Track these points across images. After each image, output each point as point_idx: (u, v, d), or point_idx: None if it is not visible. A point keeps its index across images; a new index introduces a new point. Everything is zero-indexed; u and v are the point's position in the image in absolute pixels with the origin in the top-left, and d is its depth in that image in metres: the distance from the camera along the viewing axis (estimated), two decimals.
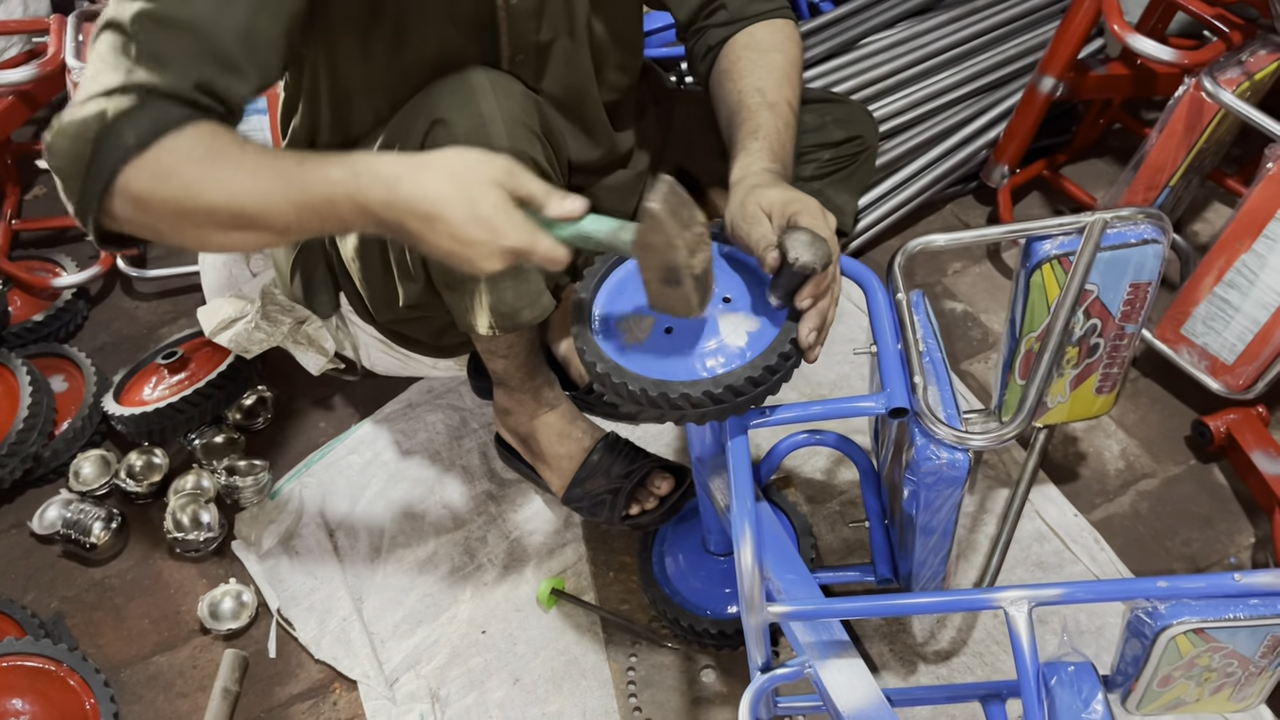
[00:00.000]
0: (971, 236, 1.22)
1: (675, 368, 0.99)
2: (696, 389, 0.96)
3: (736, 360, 0.98)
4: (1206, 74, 1.53)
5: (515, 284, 1.26)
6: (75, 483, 1.68)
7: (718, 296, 1.03)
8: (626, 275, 1.09)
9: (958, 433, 1.01)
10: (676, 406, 0.97)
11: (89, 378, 1.77)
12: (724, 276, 1.06)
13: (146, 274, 1.99)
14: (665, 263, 0.93)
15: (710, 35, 1.30)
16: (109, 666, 1.50)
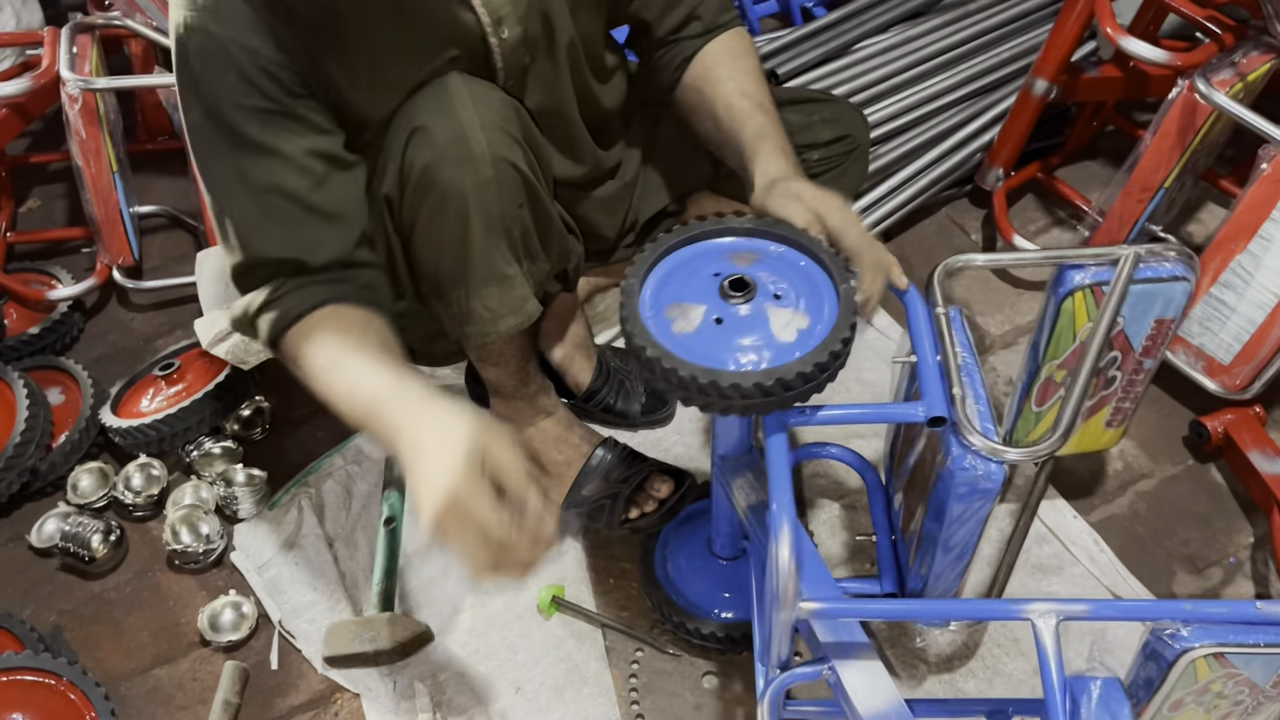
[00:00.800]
0: (1010, 259, 1.45)
1: (725, 358, 0.99)
2: (747, 380, 0.95)
3: (786, 355, 0.98)
4: (1200, 76, 1.54)
5: (500, 290, 1.26)
6: (73, 495, 1.68)
7: (768, 292, 1.04)
8: (677, 264, 1.09)
9: (995, 445, 1.01)
10: (725, 396, 0.96)
11: (86, 390, 1.76)
12: (775, 273, 1.06)
13: (142, 285, 1.98)
14: None
15: (685, 46, 1.34)
16: (109, 680, 1.50)
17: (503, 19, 1.20)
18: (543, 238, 1.29)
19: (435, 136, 1.15)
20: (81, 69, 1.77)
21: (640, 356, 1.00)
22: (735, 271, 1.04)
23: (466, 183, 1.16)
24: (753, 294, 1.03)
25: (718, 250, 1.09)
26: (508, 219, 1.21)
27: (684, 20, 1.34)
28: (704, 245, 1.10)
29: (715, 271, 1.06)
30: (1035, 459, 1.04)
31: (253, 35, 1.07)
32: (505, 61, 1.24)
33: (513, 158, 1.19)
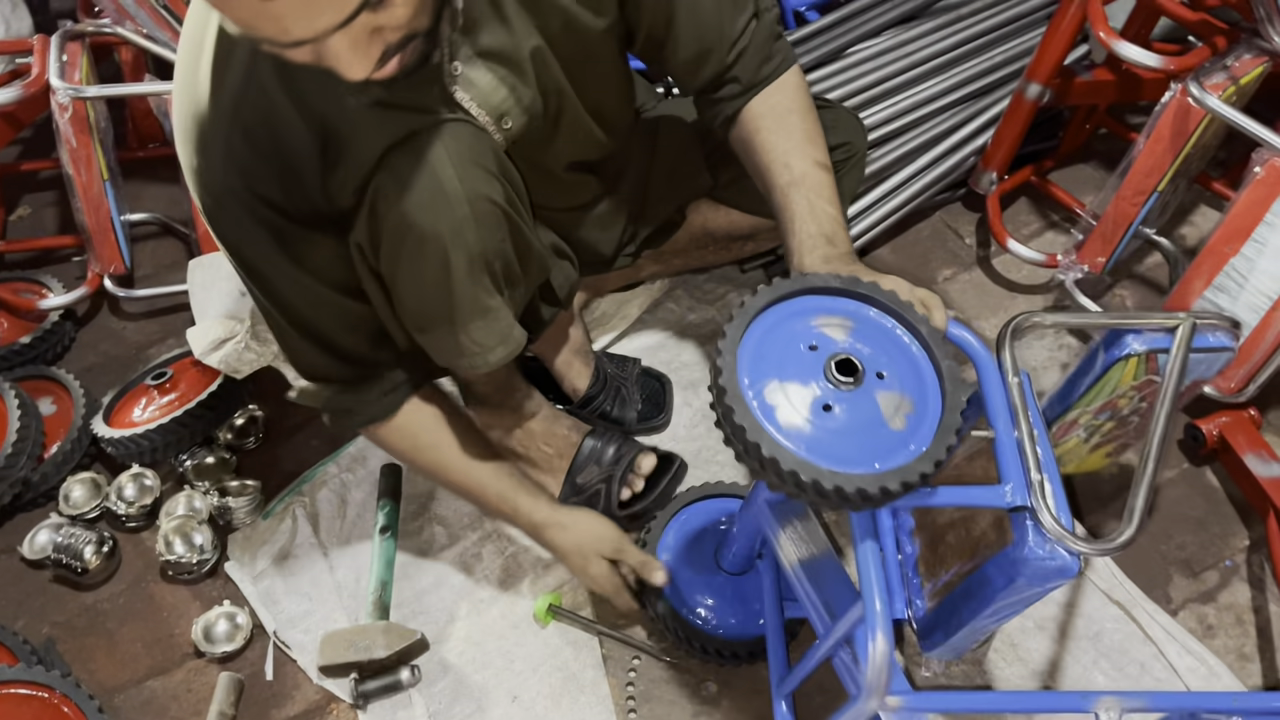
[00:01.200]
0: (1075, 320, 1.51)
1: (844, 456, 0.89)
2: (873, 485, 0.86)
3: (901, 450, 0.90)
4: (1192, 79, 1.54)
5: (485, 323, 1.22)
6: (65, 506, 1.66)
7: (871, 372, 0.92)
8: (766, 329, 0.96)
9: (1074, 538, 0.95)
10: (848, 499, 0.88)
11: (77, 400, 1.75)
12: (872, 346, 0.95)
13: (134, 294, 1.97)
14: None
15: (726, 107, 1.26)
16: (102, 692, 1.49)
17: (505, 114, 1.17)
18: (522, 263, 1.26)
19: (405, 179, 1.10)
20: (71, 77, 1.76)
21: (755, 455, 0.89)
22: (837, 348, 0.93)
23: (443, 225, 1.11)
24: (861, 377, 0.92)
25: (804, 311, 0.97)
26: (489, 254, 1.17)
27: (717, 79, 1.25)
28: (790, 305, 0.98)
29: (810, 344, 0.94)
30: (1111, 554, 0.99)
31: (259, 182, 1.09)
32: (510, 145, 1.21)
33: (489, 192, 1.14)
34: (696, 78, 1.26)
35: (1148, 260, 1.94)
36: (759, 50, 1.23)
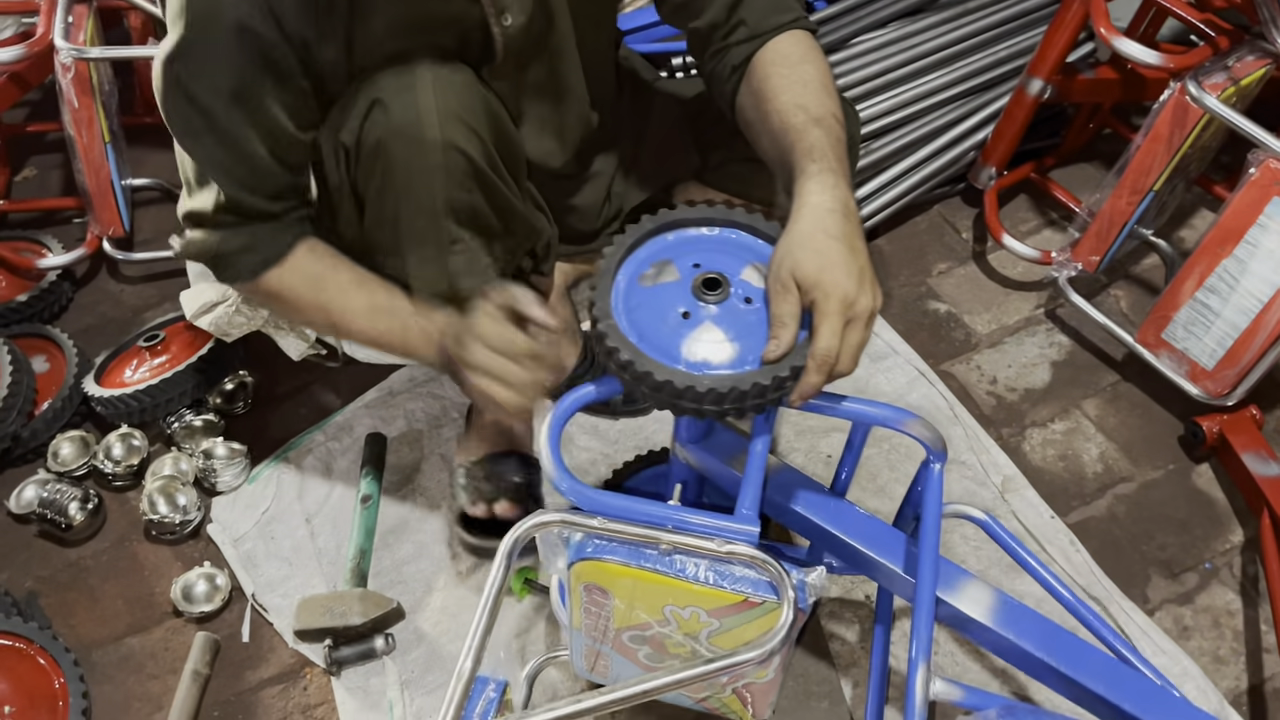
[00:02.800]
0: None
1: (681, 358, 0.99)
2: (702, 385, 0.96)
3: (740, 366, 0.99)
4: (1191, 78, 1.53)
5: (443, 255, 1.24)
6: (53, 463, 1.68)
7: (741, 296, 1.02)
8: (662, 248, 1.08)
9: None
10: (745, 396, 0.97)
11: (70, 359, 1.77)
12: (757, 281, 1.04)
13: (132, 257, 1.98)
14: None
15: (733, 54, 1.22)
16: (81, 646, 1.50)
17: (506, 8, 1.20)
18: (503, 217, 1.27)
19: (392, 114, 1.14)
20: (76, 38, 1.77)
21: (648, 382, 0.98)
22: (708, 269, 1.03)
23: (414, 164, 1.16)
24: (725, 294, 1.02)
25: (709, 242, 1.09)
26: (454, 202, 1.20)
27: (726, 22, 1.22)
28: (692, 233, 1.09)
29: (696, 262, 1.05)
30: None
31: (253, 15, 1.07)
32: (505, 48, 1.24)
33: (465, 147, 1.17)
34: (706, 14, 1.22)
35: (1145, 261, 1.93)
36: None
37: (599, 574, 1.02)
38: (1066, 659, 1.09)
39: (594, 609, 1.08)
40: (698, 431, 1.18)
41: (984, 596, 1.13)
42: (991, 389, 1.75)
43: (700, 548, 0.99)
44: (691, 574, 1.00)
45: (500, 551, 1.01)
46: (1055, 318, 1.85)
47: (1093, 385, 1.75)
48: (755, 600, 0.99)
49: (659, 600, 1.03)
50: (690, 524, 1.00)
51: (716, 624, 1.03)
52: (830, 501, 1.18)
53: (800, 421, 1.69)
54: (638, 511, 1.01)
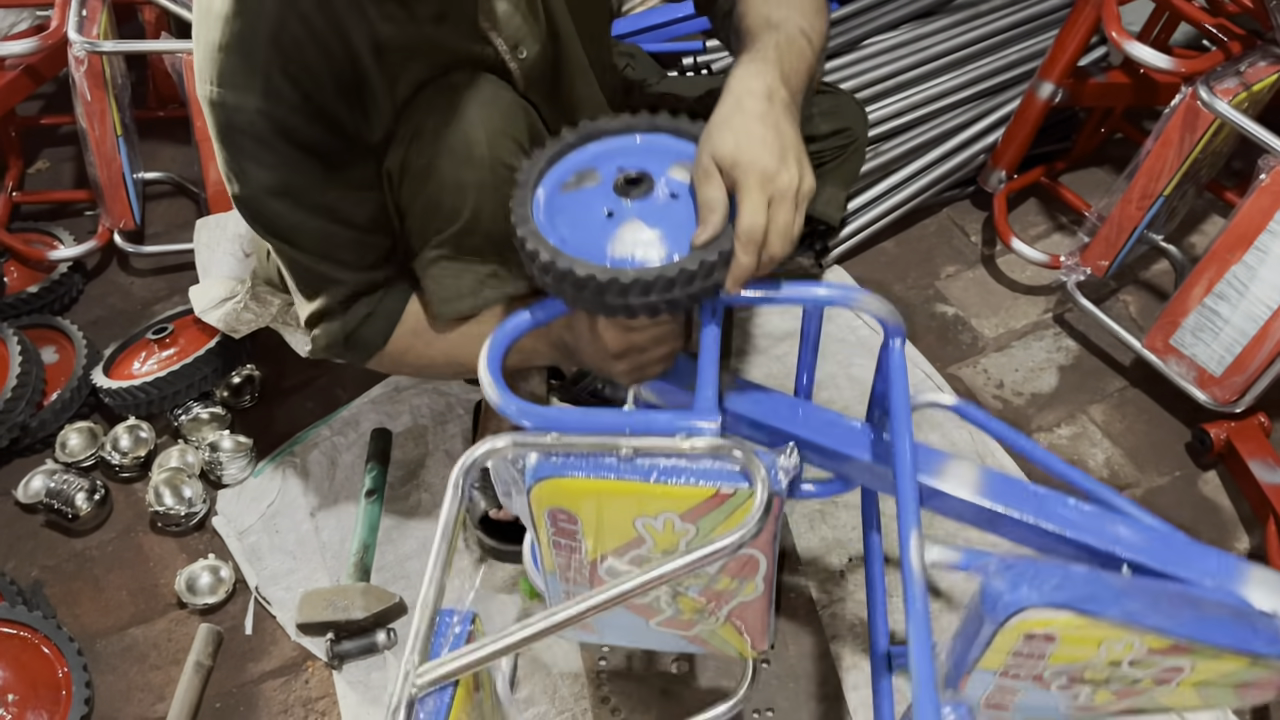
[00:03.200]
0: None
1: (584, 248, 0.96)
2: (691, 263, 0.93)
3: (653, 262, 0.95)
4: (1202, 83, 1.52)
5: (485, 273, 1.24)
6: (61, 454, 1.69)
7: (667, 192, 1.00)
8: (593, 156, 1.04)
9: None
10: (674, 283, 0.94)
11: (80, 350, 1.78)
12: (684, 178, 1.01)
13: (143, 250, 2.00)
14: None
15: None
16: (85, 636, 1.51)
17: (520, 42, 1.20)
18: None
19: (441, 134, 1.14)
20: (89, 32, 1.78)
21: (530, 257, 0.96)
22: (630, 168, 0.99)
23: (466, 182, 1.15)
24: (649, 190, 0.98)
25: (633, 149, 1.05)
26: (500, 219, 1.20)
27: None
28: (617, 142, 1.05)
29: (620, 166, 1.01)
30: None
31: (278, 105, 1.08)
32: (524, 79, 1.24)
33: (513, 163, 1.17)
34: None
35: (1154, 266, 1.92)
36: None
37: (560, 494, 0.96)
38: (1064, 521, 1.04)
39: (563, 540, 1.01)
40: None
41: (967, 473, 1.07)
42: (998, 393, 1.75)
43: (662, 447, 0.93)
44: (656, 476, 0.94)
45: (451, 481, 0.96)
46: (1063, 322, 1.85)
47: (1100, 390, 1.75)
48: (727, 491, 0.93)
49: (628, 513, 0.97)
50: (649, 425, 0.95)
51: (693, 529, 0.97)
52: (793, 404, 1.12)
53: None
54: (593, 422, 0.95)
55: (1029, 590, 0.88)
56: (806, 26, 1.11)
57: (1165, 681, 0.96)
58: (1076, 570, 0.93)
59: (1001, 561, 0.94)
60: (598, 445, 0.94)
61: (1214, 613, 0.94)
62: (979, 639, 0.93)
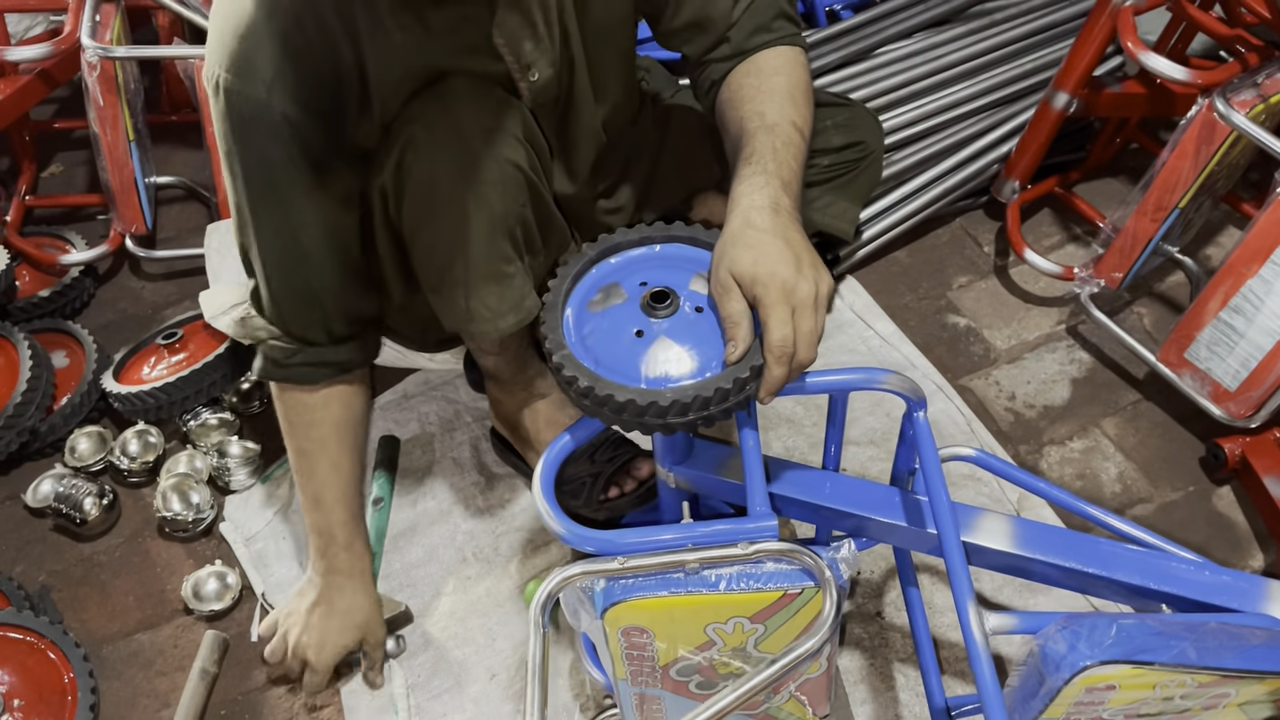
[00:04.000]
0: None
1: (640, 375, 0.99)
2: (726, 380, 0.96)
3: (686, 379, 0.99)
4: (1219, 94, 1.51)
5: (500, 289, 1.24)
6: (70, 458, 1.69)
7: (692, 306, 1.02)
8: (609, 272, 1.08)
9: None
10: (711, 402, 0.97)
11: (90, 354, 1.78)
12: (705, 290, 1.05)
13: (154, 254, 2.00)
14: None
15: (713, 70, 1.27)
16: (92, 642, 1.51)
17: (532, 64, 1.20)
18: (544, 232, 1.28)
19: (436, 136, 1.13)
20: (102, 37, 1.79)
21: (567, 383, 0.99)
22: (655, 284, 1.03)
23: (468, 185, 1.15)
24: (675, 307, 1.01)
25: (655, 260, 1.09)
26: (510, 218, 1.20)
27: (713, 45, 1.26)
28: (635, 254, 1.09)
29: (643, 281, 1.05)
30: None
31: (289, 102, 1.09)
32: (533, 101, 1.24)
33: (515, 157, 1.17)
34: (696, 42, 1.26)
35: (1169, 279, 1.90)
36: (757, 17, 1.23)
37: (634, 614, 1.00)
38: (1097, 561, 1.11)
39: (635, 652, 1.05)
40: (680, 451, 1.16)
41: (1000, 526, 1.13)
42: (1010, 405, 1.73)
43: (727, 556, 0.98)
44: (725, 586, 0.98)
45: (532, 616, 0.99)
46: (1076, 334, 1.83)
47: (1113, 404, 1.73)
48: (794, 591, 0.98)
49: (700, 622, 1.01)
50: (709, 536, 0.99)
51: (761, 629, 1.02)
52: (824, 478, 1.17)
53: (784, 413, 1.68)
54: (654, 540, 0.99)
55: (1086, 649, 0.95)
56: (799, 119, 1.16)
57: (1212, 707, 1.03)
58: (1126, 621, 0.99)
59: (1064, 618, 1.00)
60: (665, 564, 0.98)
61: (1253, 640, 0.99)
62: (1040, 695, 0.99)
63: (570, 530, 1.01)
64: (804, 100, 1.20)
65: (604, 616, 1.00)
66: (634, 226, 1.09)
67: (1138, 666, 0.96)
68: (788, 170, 1.09)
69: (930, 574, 1.49)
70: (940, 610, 1.46)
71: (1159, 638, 0.97)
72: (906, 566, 1.39)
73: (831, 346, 1.79)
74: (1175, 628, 0.99)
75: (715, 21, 1.24)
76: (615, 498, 1.48)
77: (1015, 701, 1.04)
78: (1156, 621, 1.00)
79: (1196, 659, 0.96)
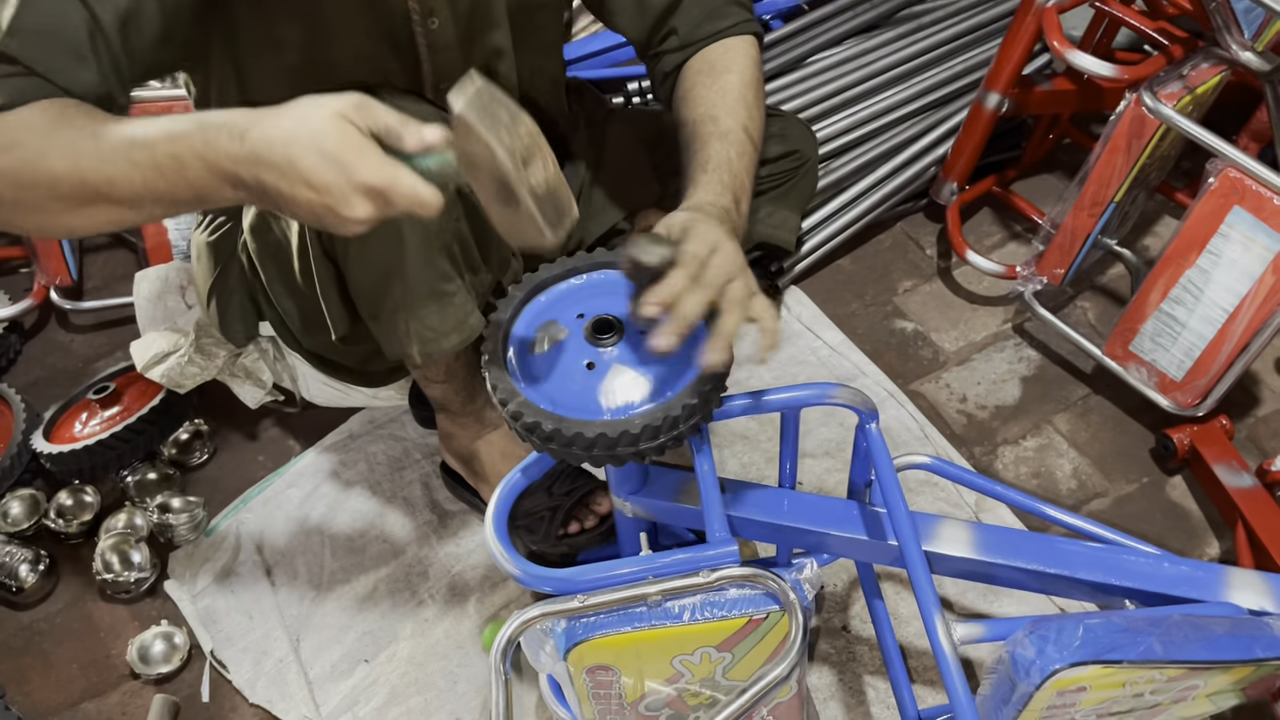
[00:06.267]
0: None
1: (580, 406, 0.97)
2: (690, 396, 0.95)
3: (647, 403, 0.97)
4: (1147, 89, 1.52)
5: (440, 308, 1.22)
6: (3, 523, 1.63)
7: (634, 330, 1.00)
8: (544, 306, 1.06)
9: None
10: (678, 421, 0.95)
11: (18, 415, 1.72)
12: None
13: (81, 306, 1.94)
14: (493, 175, 0.84)
15: (665, 61, 1.27)
16: (36, 715, 1.45)
17: (434, 10, 1.14)
18: (482, 248, 1.26)
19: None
20: None
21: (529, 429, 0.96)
22: (599, 312, 1.01)
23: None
24: (621, 334, 1.00)
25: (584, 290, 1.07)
26: (445, 234, 1.18)
27: (658, 30, 1.26)
28: (563, 287, 1.07)
29: (580, 313, 1.03)
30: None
31: None
32: (433, 61, 1.19)
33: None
34: (639, 24, 1.26)
35: (1111, 271, 1.91)
36: (704, 2, 1.23)
37: (599, 653, 0.97)
38: (1058, 561, 1.11)
39: (601, 691, 1.03)
40: (635, 480, 1.14)
41: (960, 533, 1.12)
42: (962, 407, 1.73)
43: (688, 586, 0.96)
44: (689, 617, 0.97)
45: (493, 664, 0.97)
46: (1023, 332, 1.84)
47: (1063, 400, 1.74)
48: (759, 617, 0.96)
49: (666, 655, 0.99)
50: (669, 567, 0.97)
51: (729, 656, 1.00)
52: (781, 495, 1.16)
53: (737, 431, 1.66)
54: (613, 576, 0.97)
55: (1055, 652, 0.95)
56: (750, 124, 1.17)
57: (1182, 699, 1.04)
58: (1092, 621, 0.99)
59: (1031, 622, 1.00)
60: (625, 599, 0.96)
61: (1217, 630, 1.00)
62: (1013, 702, 0.99)
63: (525, 571, 0.98)
64: (754, 100, 1.21)
65: (567, 658, 0.97)
66: (556, 260, 1.07)
67: (1107, 666, 0.96)
68: (739, 184, 1.12)
69: (894, 582, 1.48)
70: (906, 620, 1.45)
71: (1125, 635, 0.97)
72: (869, 579, 1.38)
73: (781, 359, 1.78)
74: (1140, 624, 0.99)
75: (653, 1, 1.24)
76: (575, 533, 1.45)
77: (988, 710, 1.03)
78: (1122, 619, 1.00)
79: (1163, 653, 0.96)
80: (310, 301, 1.29)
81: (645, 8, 1.25)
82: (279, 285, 1.32)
